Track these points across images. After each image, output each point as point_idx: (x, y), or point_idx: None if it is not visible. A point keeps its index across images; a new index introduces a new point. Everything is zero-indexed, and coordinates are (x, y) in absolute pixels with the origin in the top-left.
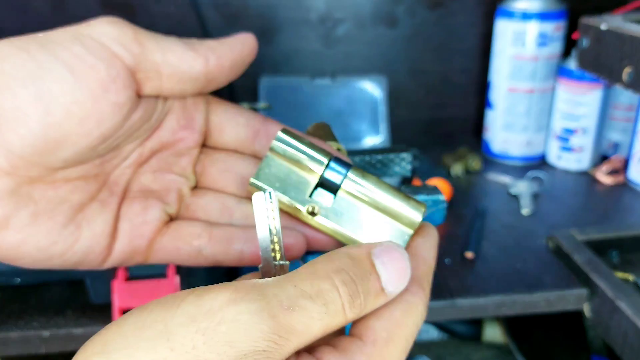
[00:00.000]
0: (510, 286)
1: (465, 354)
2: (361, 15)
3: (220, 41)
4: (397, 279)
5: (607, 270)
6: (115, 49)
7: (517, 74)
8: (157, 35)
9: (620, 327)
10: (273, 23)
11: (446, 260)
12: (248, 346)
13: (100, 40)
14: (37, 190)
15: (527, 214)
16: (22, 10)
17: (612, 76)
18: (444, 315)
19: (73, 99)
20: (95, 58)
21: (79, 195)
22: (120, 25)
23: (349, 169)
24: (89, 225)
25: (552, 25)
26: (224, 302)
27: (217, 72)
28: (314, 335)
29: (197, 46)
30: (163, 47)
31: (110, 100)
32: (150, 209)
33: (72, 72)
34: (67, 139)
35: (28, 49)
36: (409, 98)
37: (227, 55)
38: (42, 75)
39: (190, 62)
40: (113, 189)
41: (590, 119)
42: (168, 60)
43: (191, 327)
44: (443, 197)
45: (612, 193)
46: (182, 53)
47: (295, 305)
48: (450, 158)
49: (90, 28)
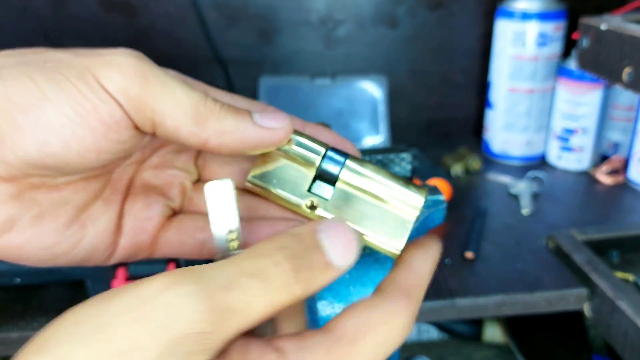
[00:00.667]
0: (510, 286)
1: (465, 354)
2: (361, 15)
3: (241, 118)
4: (343, 252)
5: (607, 270)
6: (117, 96)
7: (517, 74)
8: (165, 89)
9: (621, 327)
10: (273, 24)
11: (446, 260)
12: (185, 329)
13: (104, 85)
14: (40, 194)
15: (527, 214)
16: (22, 10)
17: (612, 76)
18: (444, 315)
19: (72, 134)
20: (98, 99)
21: (83, 195)
22: (129, 72)
23: (346, 158)
24: (93, 223)
25: (552, 25)
26: (160, 288)
27: (214, 152)
28: (258, 313)
29: (205, 119)
30: (164, 110)
31: (112, 138)
32: (153, 205)
33: (74, 108)
34: (65, 166)
35: (34, 77)
36: (409, 98)
37: (232, 144)
38: (44, 107)
39: (187, 136)
40: (116, 187)
41: (590, 119)
42: (166, 125)
43: (126, 317)
44: (443, 197)
45: (612, 193)
46: (183, 123)
47: (233, 284)
48: (451, 158)
49: (99, 66)
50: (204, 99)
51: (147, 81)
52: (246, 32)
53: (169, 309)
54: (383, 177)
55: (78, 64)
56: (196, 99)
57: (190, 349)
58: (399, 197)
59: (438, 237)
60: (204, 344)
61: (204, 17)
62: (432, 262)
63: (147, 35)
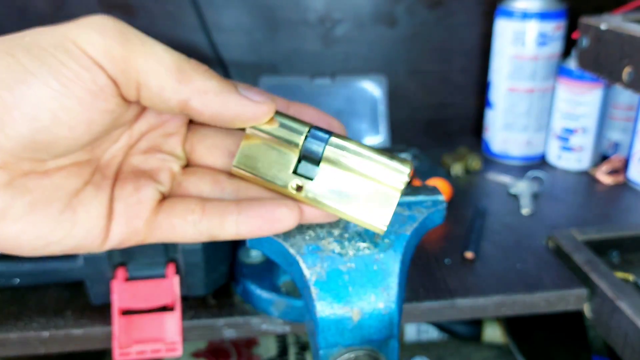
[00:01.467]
0: (510, 286)
1: (465, 355)
2: (360, 15)
3: (226, 84)
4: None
5: (607, 270)
6: (100, 59)
7: (517, 73)
8: (147, 48)
9: (621, 328)
10: (272, 23)
11: (446, 261)
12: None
13: (85, 49)
14: (31, 180)
15: (527, 214)
16: (22, 10)
17: (612, 76)
18: (444, 316)
19: (60, 106)
20: (80, 67)
21: (73, 181)
22: (109, 33)
23: (330, 136)
24: (85, 208)
25: (552, 24)
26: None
27: (195, 114)
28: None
29: (189, 75)
30: (148, 68)
31: (100, 107)
32: (143, 189)
33: (58, 79)
34: (56, 141)
35: (14, 53)
36: (408, 98)
37: (214, 106)
38: (28, 80)
39: (170, 95)
40: (105, 172)
41: (590, 118)
42: (150, 84)
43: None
44: (443, 197)
45: (612, 193)
46: (166, 80)
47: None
48: (450, 158)
49: (77, 32)
50: (187, 58)
51: (129, 41)
52: (245, 31)
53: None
54: (367, 153)
55: (56, 34)
56: (177, 56)
57: None
58: (384, 172)
59: None
60: None
61: (203, 17)
62: None
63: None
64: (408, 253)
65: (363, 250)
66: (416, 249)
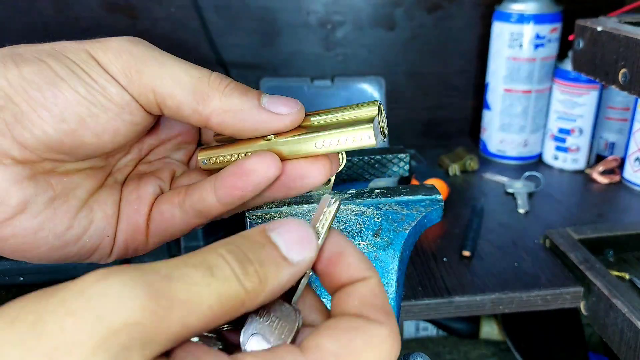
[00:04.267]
0: (507, 284)
1: (462, 351)
2: (360, 18)
3: (247, 98)
4: (299, 247)
5: (603, 268)
6: (119, 79)
7: (514, 75)
8: (164, 69)
9: (617, 325)
10: (273, 26)
11: (444, 259)
12: (120, 318)
13: (106, 68)
14: (53, 177)
15: (524, 213)
16: (26, 11)
17: (608, 77)
18: (442, 313)
19: (88, 112)
20: (106, 82)
21: (91, 182)
22: (127, 55)
23: None
24: (101, 207)
25: (548, 27)
26: (95, 278)
27: (217, 130)
28: (204, 305)
29: (206, 95)
30: (164, 90)
31: (126, 119)
32: (142, 186)
33: (86, 88)
34: (81, 146)
35: (44, 59)
36: (407, 99)
37: (234, 123)
38: (58, 83)
39: (189, 114)
40: (117, 177)
41: (586, 119)
42: (168, 105)
43: (60, 311)
44: (440, 196)
45: (608, 192)
46: (183, 101)
47: (175, 273)
48: (448, 158)
49: (99, 51)
50: (207, 76)
51: (146, 63)
52: (246, 34)
53: (102, 299)
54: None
55: (81, 49)
56: (196, 76)
57: (128, 341)
58: (354, 107)
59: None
60: (144, 337)
61: (205, 20)
62: (374, 269)
63: (149, 37)
64: (406, 251)
65: (362, 248)
66: (414, 247)
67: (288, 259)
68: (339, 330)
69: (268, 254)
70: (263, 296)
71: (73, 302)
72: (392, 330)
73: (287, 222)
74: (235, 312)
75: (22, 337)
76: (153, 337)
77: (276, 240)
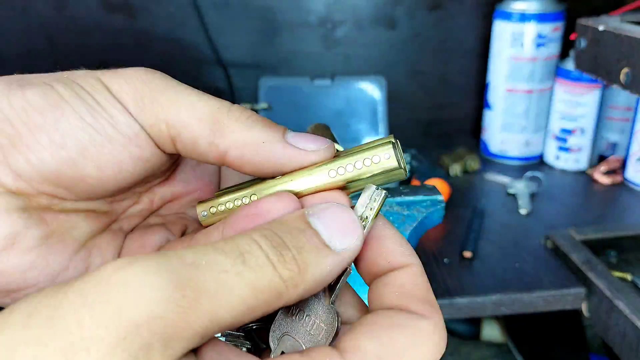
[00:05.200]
0: (508, 285)
1: (464, 353)
2: (360, 17)
3: (270, 131)
4: (342, 233)
5: (605, 269)
6: (131, 110)
7: (516, 74)
8: (180, 99)
9: (619, 326)
10: (273, 25)
11: (445, 260)
12: (142, 312)
13: (117, 97)
14: (48, 214)
15: (525, 214)
16: (24, 11)
17: (610, 77)
18: (443, 315)
19: (91, 140)
20: (115, 110)
21: (92, 224)
22: (141, 85)
23: None
24: (101, 252)
25: (550, 26)
26: (115, 267)
27: (235, 167)
28: (236, 296)
29: (226, 126)
30: (180, 120)
31: (133, 153)
32: (149, 234)
33: (91, 114)
34: (80, 179)
35: (52, 84)
36: (407, 99)
37: (255, 158)
38: (61, 106)
39: (206, 148)
40: (122, 226)
41: (588, 119)
42: (183, 138)
43: (77, 304)
44: (441, 197)
45: (610, 193)
46: (200, 133)
47: (201, 260)
48: (449, 158)
49: (111, 80)
50: (227, 107)
51: (160, 93)
52: (246, 33)
53: (122, 290)
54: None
55: (92, 77)
56: (215, 106)
57: (149, 338)
58: (368, 147)
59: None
60: (168, 332)
61: (204, 19)
62: (416, 255)
63: (148, 36)
64: None
65: None
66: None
67: (330, 246)
68: (379, 327)
69: (308, 240)
70: (302, 287)
71: (91, 294)
72: (437, 325)
73: (330, 207)
74: (271, 305)
75: (37, 333)
76: (177, 333)
77: (316, 225)
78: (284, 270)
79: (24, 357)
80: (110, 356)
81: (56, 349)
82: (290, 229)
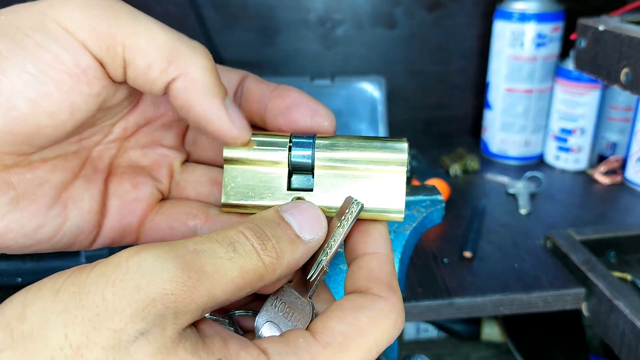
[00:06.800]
0: (508, 285)
1: (463, 353)
2: (360, 16)
3: (212, 85)
4: (310, 226)
5: (605, 270)
6: (84, 38)
7: (515, 74)
8: (138, 24)
9: (618, 327)
10: (272, 24)
11: (444, 260)
12: (156, 289)
13: (68, 28)
14: (13, 175)
15: (525, 214)
16: None
17: (610, 77)
18: (443, 315)
19: (39, 93)
20: (61, 48)
21: (60, 174)
22: (95, 10)
23: (313, 140)
24: (76, 203)
25: (550, 26)
26: (130, 253)
27: (176, 103)
28: (228, 277)
29: (182, 55)
30: (137, 44)
31: (83, 91)
32: (141, 186)
33: (35, 64)
34: (36, 131)
35: None
36: (407, 98)
37: (195, 101)
38: (3, 67)
39: (156, 75)
40: (97, 165)
41: (588, 119)
42: (136, 63)
43: (101, 282)
44: (441, 197)
45: (610, 193)
46: (155, 59)
47: (201, 247)
48: (449, 158)
49: (59, 9)
50: (188, 40)
51: (117, 17)
52: (245, 32)
53: (139, 270)
54: (358, 143)
55: (35, 12)
56: (175, 36)
57: (163, 310)
58: (382, 156)
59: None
60: (177, 306)
61: (203, 18)
62: (386, 239)
63: None
64: (407, 252)
65: None
66: (415, 248)
67: (301, 237)
68: (345, 310)
69: (283, 231)
70: (280, 271)
71: (112, 274)
72: (394, 305)
73: (299, 204)
74: (255, 285)
75: (66, 305)
76: (184, 307)
77: (289, 220)
78: (266, 257)
79: (56, 324)
80: (133, 323)
81: (84, 317)
82: (268, 222)
